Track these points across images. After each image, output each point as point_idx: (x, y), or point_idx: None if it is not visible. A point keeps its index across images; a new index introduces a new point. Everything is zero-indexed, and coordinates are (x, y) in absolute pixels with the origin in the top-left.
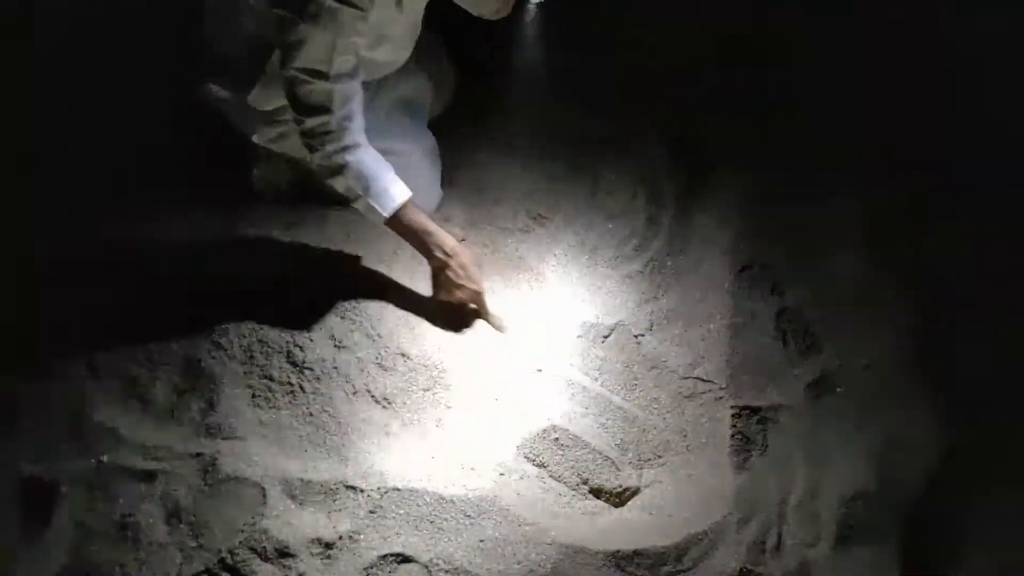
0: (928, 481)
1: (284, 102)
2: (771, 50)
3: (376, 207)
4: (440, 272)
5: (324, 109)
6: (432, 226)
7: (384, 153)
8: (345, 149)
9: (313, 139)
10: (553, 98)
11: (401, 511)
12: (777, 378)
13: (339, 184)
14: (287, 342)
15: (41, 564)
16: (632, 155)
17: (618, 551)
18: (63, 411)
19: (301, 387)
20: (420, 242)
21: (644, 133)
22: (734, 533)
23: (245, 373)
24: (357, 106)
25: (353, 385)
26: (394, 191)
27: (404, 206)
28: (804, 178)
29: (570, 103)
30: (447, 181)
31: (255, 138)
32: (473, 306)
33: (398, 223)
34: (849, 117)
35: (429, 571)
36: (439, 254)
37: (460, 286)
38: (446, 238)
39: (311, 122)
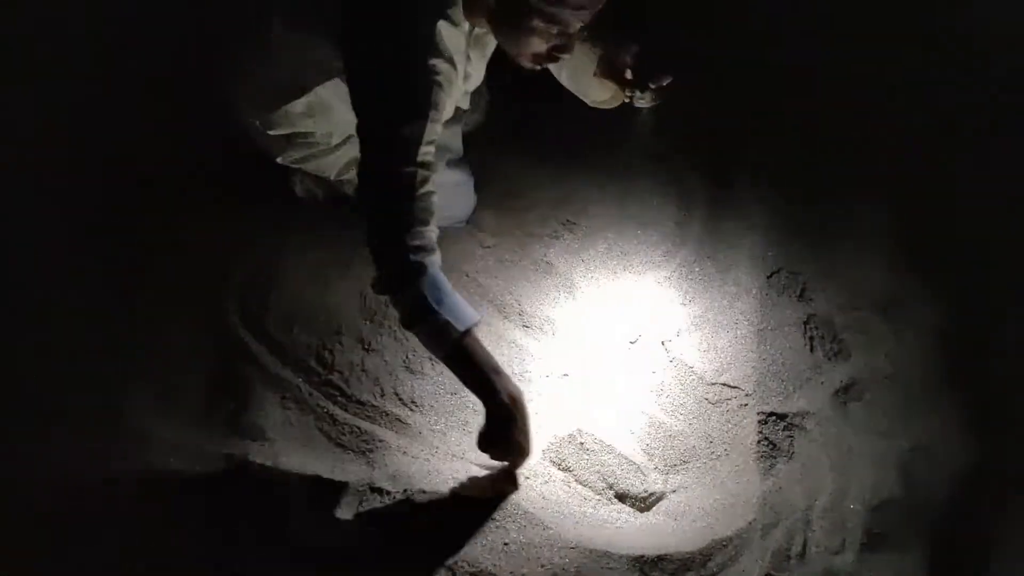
0: (955, 489)
1: (296, 129)
2: (800, 55)
3: (452, 322)
4: (498, 417)
5: (407, 197)
6: (497, 363)
7: None
8: (422, 249)
9: (386, 233)
10: (583, 105)
11: (426, 513)
12: (804, 385)
13: (407, 293)
14: (317, 344)
15: (80, 566)
16: (661, 161)
17: (642, 556)
18: (100, 413)
19: (330, 389)
20: (485, 377)
21: (674, 140)
22: (759, 540)
23: (276, 375)
24: (434, 198)
25: (381, 388)
26: (466, 309)
27: (473, 329)
28: (833, 184)
29: (600, 110)
30: (478, 188)
31: (279, 159)
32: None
33: (466, 348)
34: (879, 123)
35: (454, 573)
36: (504, 398)
37: (516, 440)
38: (511, 380)
39: (387, 211)
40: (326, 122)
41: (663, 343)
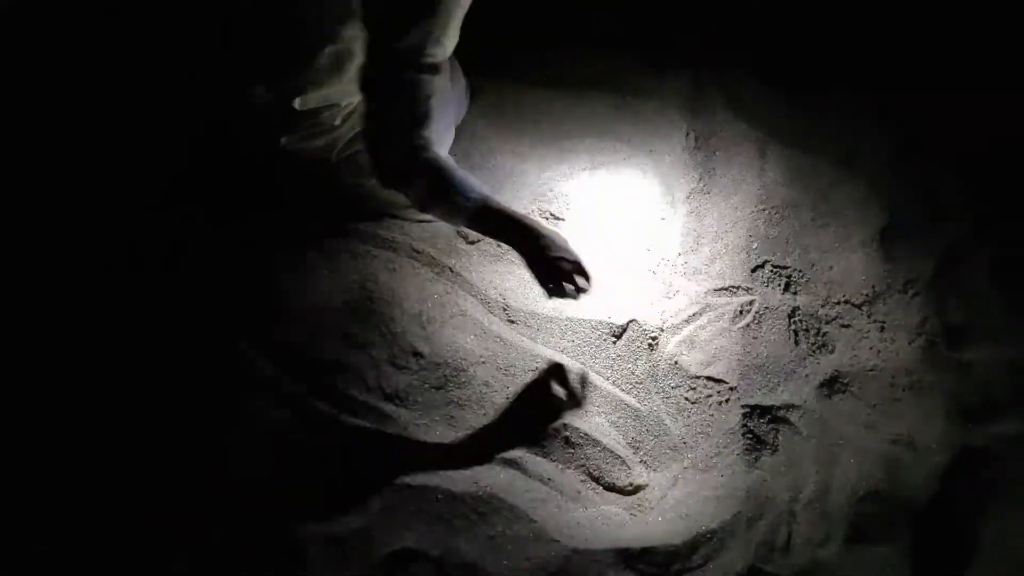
0: (939, 481)
1: (321, 104)
2: (783, 48)
3: (465, 189)
4: (534, 249)
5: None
6: (515, 214)
7: None
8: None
9: (404, 132)
10: (567, 97)
11: (412, 507)
12: (788, 378)
13: (418, 186)
14: (301, 341)
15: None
16: (646, 154)
17: (627, 549)
18: (82, 412)
19: (315, 384)
20: (512, 223)
21: (658, 131)
22: (744, 532)
23: (260, 371)
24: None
25: (366, 383)
26: (473, 180)
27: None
28: (817, 177)
29: (583, 101)
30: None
31: (283, 140)
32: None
33: (483, 211)
34: (862, 116)
35: (439, 567)
36: (517, 235)
37: (560, 257)
38: (531, 221)
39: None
40: (350, 69)
41: (648, 336)
